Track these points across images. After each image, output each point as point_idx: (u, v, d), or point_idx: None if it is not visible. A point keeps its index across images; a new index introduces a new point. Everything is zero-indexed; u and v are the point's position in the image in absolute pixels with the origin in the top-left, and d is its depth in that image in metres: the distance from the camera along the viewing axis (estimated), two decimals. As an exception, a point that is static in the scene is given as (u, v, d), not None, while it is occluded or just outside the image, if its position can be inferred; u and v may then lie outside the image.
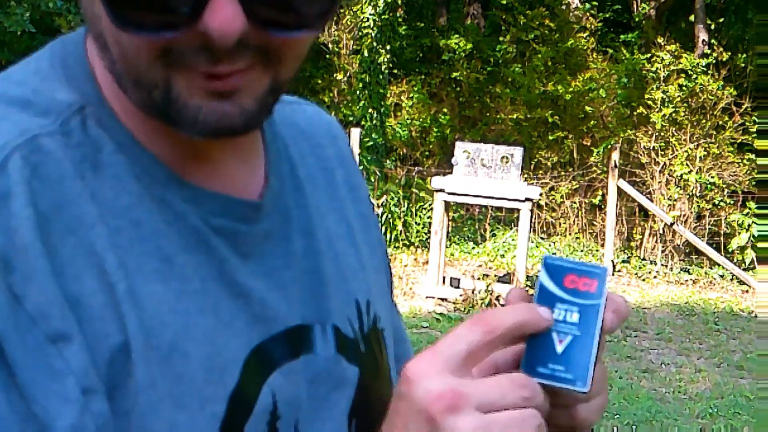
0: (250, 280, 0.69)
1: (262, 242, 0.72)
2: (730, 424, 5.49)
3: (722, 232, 10.74)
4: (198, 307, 0.66)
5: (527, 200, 7.91)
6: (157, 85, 0.61)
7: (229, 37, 0.57)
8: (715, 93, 11.70)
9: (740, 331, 7.81)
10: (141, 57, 0.60)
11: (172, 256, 0.65)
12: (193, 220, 0.67)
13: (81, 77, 0.67)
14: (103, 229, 0.63)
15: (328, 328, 0.75)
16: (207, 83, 0.61)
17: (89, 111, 0.66)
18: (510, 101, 13.26)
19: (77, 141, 0.65)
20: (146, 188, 0.66)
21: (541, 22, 13.44)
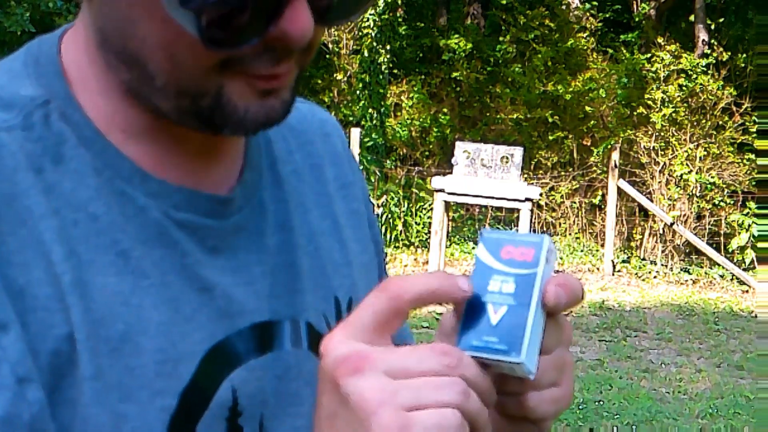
0: (215, 275, 0.69)
1: (232, 237, 0.71)
2: (730, 424, 5.49)
3: (722, 232, 10.74)
4: (153, 300, 0.66)
5: (527, 200, 7.92)
6: (207, 93, 0.63)
7: (305, 41, 0.61)
8: (715, 93, 11.71)
9: (740, 331, 7.81)
10: (199, 69, 0.62)
11: (128, 250, 0.66)
12: (154, 213, 0.67)
13: (51, 74, 0.68)
14: (53, 221, 0.63)
15: (302, 324, 0.74)
16: (261, 84, 0.63)
17: (53, 106, 0.67)
18: (510, 101, 13.26)
19: (38, 135, 0.66)
20: (107, 182, 0.66)
21: (541, 22, 13.44)
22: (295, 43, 0.61)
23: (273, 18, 0.60)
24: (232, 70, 0.62)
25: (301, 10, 0.60)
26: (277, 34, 0.60)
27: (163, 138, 0.69)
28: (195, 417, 0.66)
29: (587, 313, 8.14)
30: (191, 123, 0.66)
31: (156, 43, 0.61)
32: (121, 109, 0.68)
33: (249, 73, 0.62)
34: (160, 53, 0.61)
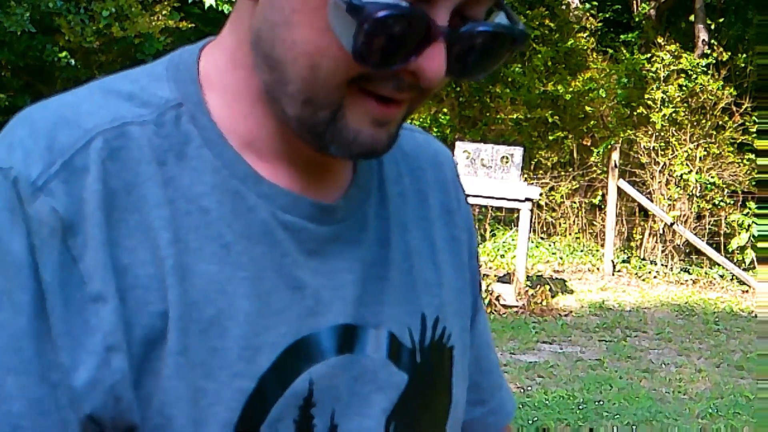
0: (308, 276, 0.75)
1: (330, 243, 0.77)
2: (730, 424, 5.49)
3: (722, 232, 10.74)
4: (246, 292, 0.71)
5: (527, 200, 7.92)
6: (329, 105, 0.69)
7: (437, 83, 0.67)
8: (715, 93, 11.70)
9: (740, 331, 7.81)
10: (333, 81, 0.68)
11: (231, 244, 0.72)
12: (262, 213, 0.73)
13: (187, 80, 0.75)
14: (165, 210, 0.70)
15: (383, 332, 0.79)
16: (377, 110, 0.69)
17: (186, 108, 0.74)
18: (510, 101, 13.26)
19: (167, 132, 0.73)
20: (223, 181, 0.73)
21: (541, 22, 13.44)
22: (426, 80, 0.67)
23: (416, 52, 0.66)
24: (357, 87, 0.68)
25: (439, 53, 0.66)
26: (413, 68, 0.66)
27: (281, 147, 0.75)
28: (270, 401, 0.72)
29: (587, 313, 8.14)
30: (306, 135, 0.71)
31: (304, 49, 0.67)
32: (251, 113, 0.74)
33: (371, 91, 0.68)
34: (304, 60, 0.67)
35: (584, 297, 8.79)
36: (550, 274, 9.80)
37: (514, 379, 6.04)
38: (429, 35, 0.65)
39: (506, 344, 6.86)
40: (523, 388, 5.89)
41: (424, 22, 0.65)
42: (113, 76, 0.77)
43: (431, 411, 0.83)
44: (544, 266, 10.29)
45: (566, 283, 9.27)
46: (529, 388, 5.88)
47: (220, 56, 0.76)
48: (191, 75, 0.76)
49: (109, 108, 0.73)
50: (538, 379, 6.12)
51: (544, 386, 5.95)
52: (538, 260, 10.47)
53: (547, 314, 7.84)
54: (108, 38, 9.49)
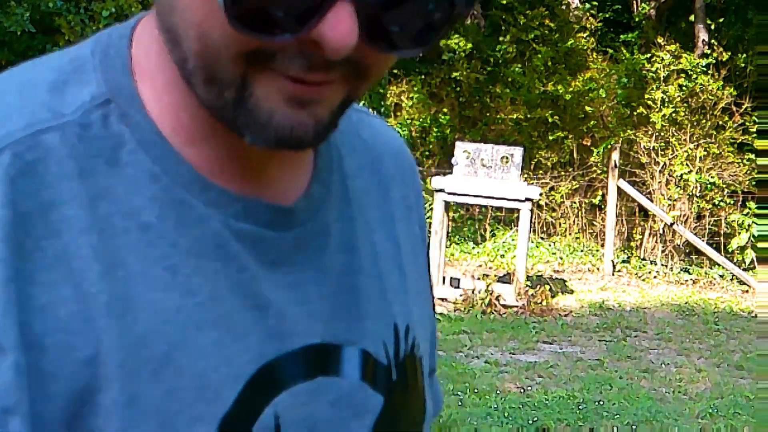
0: (271, 291, 0.65)
1: (292, 250, 0.67)
2: (730, 424, 5.49)
3: (722, 232, 10.75)
4: (200, 319, 0.62)
5: (527, 200, 7.92)
6: (232, 83, 0.58)
7: (342, 53, 0.54)
8: (715, 93, 11.70)
9: (740, 331, 7.81)
10: (226, 54, 0.57)
11: (177, 265, 0.62)
12: (214, 224, 0.63)
13: (117, 68, 0.64)
14: (93, 236, 0.59)
15: (357, 351, 0.70)
16: (289, 87, 0.57)
17: (115, 105, 0.63)
18: (510, 101, 13.26)
19: (95, 135, 0.62)
20: (164, 190, 0.62)
21: (541, 22, 13.44)
22: (331, 51, 0.54)
23: (312, 18, 0.54)
24: (261, 65, 0.57)
25: (343, 17, 0.54)
26: (314, 38, 0.54)
27: (227, 142, 0.64)
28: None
29: (587, 313, 8.14)
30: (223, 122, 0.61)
31: (191, 18, 0.57)
32: (186, 104, 0.64)
33: (276, 70, 0.57)
34: (193, 30, 0.57)
35: (584, 297, 8.79)
36: (550, 274, 9.80)
37: (514, 379, 6.05)
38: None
39: (506, 344, 6.86)
40: (523, 388, 5.89)
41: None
42: (35, 61, 0.67)
43: (406, 428, 0.75)
44: (544, 266, 10.29)
45: (566, 283, 9.27)
46: (529, 388, 5.88)
47: (148, 37, 0.65)
48: (122, 62, 0.64)
49: (23, 110, 0.62)
50: (538, 379, 6.12)
51: (544, 386, 5.95)
52: (538, 260, 10.47)
53: (547, 314, 7.84)
54: (108, 38, 9.48)
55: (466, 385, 5.79)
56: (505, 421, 5.24)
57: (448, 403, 5.45)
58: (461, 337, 6.94)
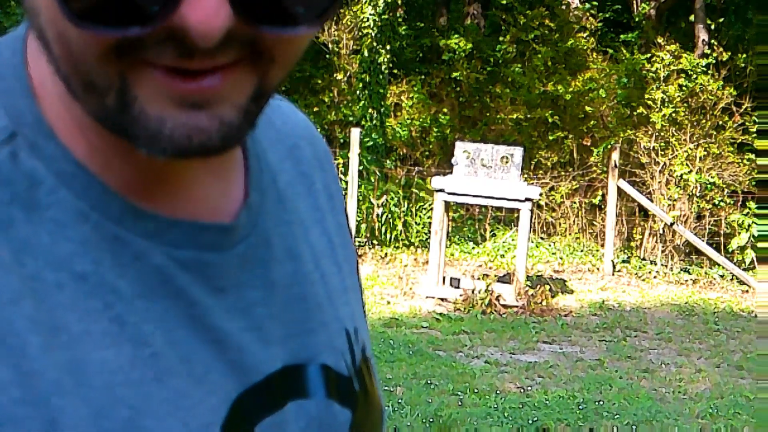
0: (225, 322, 0.59)
1: (238, 271, 0.61)
2: (730, 424, 5.49)
3: (722, 232, 10.75)
4: (158, 372, 0.55)
5: (527, 200, 7.92)
6: (111, 88, 0.49)
7: (212, 35, 0.46)
8: (715, 93, 11.70)
9: (740, 331, 7.81)
10: (90, 54, 0.48)
11: (123, 315, 0.54)
12: (155, 258, 0.56)
13: (16, 91, 0.55)
14: (27, 303, 0.51)
15: (317, 367, 0.65)
16: (174, 85, 0.49)
17: (22, 138, 0.54)
18: (510, 101, 13.26)
19: (5, 178, 0.53)
20: (95, 229, 0.54)
21: (541, 22, 13.44)
22: (198, 37, 0.46)
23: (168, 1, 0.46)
24: (134, 60, 0.48)
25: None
26: (176, 22, 0.46)
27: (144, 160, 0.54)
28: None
29: (587, 313, 8.14)
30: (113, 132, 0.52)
31: (47, 16, 0.48)
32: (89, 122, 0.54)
33: (152, 65, 0.48)
34: (52, 30, 0.49)
35: (584, 297, 8.79)
36: (550, 274, 9.80)
37: (514, 379, 6.05)
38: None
39: (506, 344, 6.86)
40: (523, 388, 5.89)
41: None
42: None
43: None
44: (544, 266, 10.29)
45: (566, 283, 9.27)
46: (529, 388, 5.88)
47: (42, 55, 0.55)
48: (21, 84, 0.56)
49: None
50: (538, 379, 6.12)
51: (544, 386, 5.95)
52: (538, 260, 10.47)
53: (547, 314, 7.84)
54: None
55: (466, 385, 5.80)
56: (505, 421, 5.24)
57: (448, 403, 5.45)
58: (461, 337, 6.95)
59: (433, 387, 5.74)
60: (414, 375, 5.93)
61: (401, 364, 6.11)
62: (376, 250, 10.00)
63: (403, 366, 6.09)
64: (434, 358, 6.32)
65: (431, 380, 5.85)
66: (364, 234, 10.17)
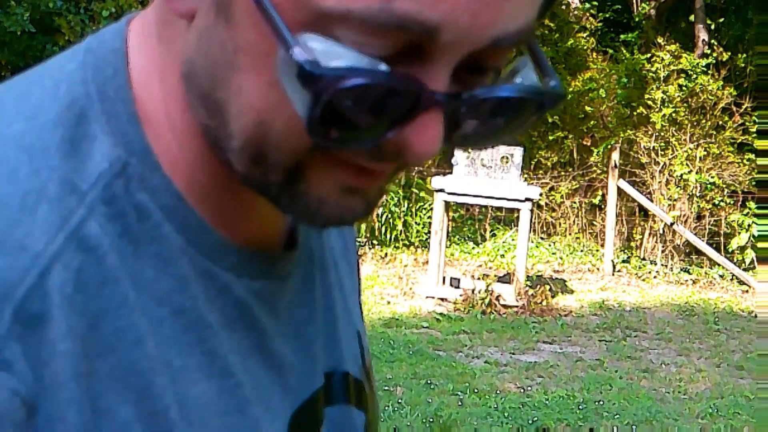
0: (282, 345, 0.61)
1: (292, 295, 0.62)
2: (730, 424, 5.49)
3: (722, 232, 10.75)
4: (239, 401, 0.56)
5: (527, 200, 7.92)
6: (284, 169, 0.50)
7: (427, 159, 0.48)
8: (715, 93, 11.70)
9: (740, 331, 7.81)
10: (287, 146, 0.49)
11: (215, 347, 0.55)
12: (237, 290, 0.57)
13: (122, 116, 0.54)
14: (151, 343, 0.51)
15: (339, 375, 0.67)
16: (347, 177, 0.51)
17: (132, 169, 0.53)
18: (510, 101, 13.25)
19: (119, 211, 0.52)
20: (191, 263, 0.55)
21: (541, 22, 13.42)
22: (413, 157, 0.48)
23: (398, 123, 0.47)
24: (327, 156, 0.50)
25: (432, 125, 0.47)
26: (396, 141, 0.48)
27: (237, 197, 0.57)
28: None
29: (587, 313, 8.14)
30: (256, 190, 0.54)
31: (250, 102, 0.49)
32: (203, 160, 0.55)
33: (339, 158, 0.50)
34: (251, 115, 0.49)
35: (584, 297, 8.79)
36: (550, 274, 9.80)
37: (514, 379, 6.05)
38: (418, 105, 0.46)
39: (506, 344, 6.86)
40: (523, 388, 5.89)
41: (413, 89, 0.46)
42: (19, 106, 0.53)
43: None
44: (544, 266, 10.29)
45: (566, 283, 9.27)
46: (529, 388, 5.88)
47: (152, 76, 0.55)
48: (126, 108, 0.54)
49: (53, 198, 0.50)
50: (538, 379, 6.12)
51: (544, 386, 5.95)
52: (538, 260, 10.47)
53: (547, 314, 7.84)
54: (108, 38, 9.48)
55: (466, 385, 5.80)
56: (505, 421, 5.24)
57: (448, 403, 5.45)
58: (461, 337, 6.94)
59: (433, 387, 5.74)
60: (414, 375, 5.93)
61: (401, 364, 6.12)
62: (376, 250, 10.00)
63: (403, 366, 6.09)
64: (434, 358, 6.32)
65: (431, 380, 5.85)
66: (364, 234, 10.17)
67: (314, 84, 0.44)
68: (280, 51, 0.45)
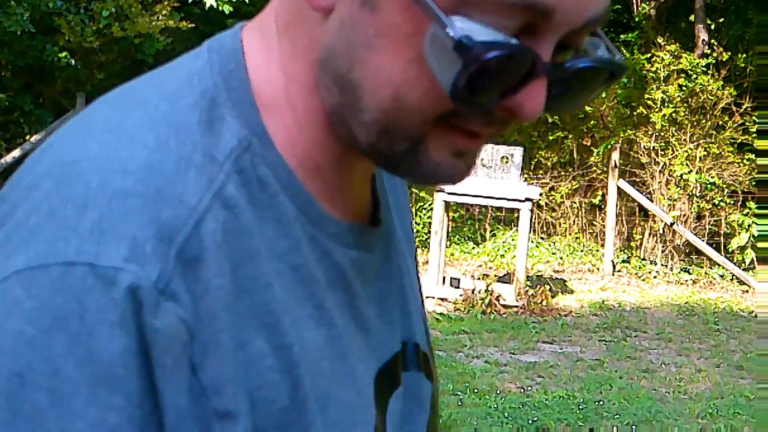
0: (368, 309, 0.70)
1: (378, 266, 0.72)
2: (730, 424, 5.49)
3: (722, 232, 10.75)
4: (340, 349, 0.66)
5: (527, 200, 7.92)
6: (410, 138, 0.60)
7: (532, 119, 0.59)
8: (715, 93, 11.70)
9: (740, 331, 7.81)
10: (421, 115, 0.59)
11: (322, 301, 0.65)
12: (336, 256, 0.66)
13: (245, 103, 0.64)
14: (279, 285, 0.61)
15: (413, 345, 0.76)
16: (458, 142, 0.61)
17: (255, 147, 0.63)
18: (510, 101, 13.26)
19: (246, 179, 0.62)
20: (302, 228, 0.64)
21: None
22: (524, 117, 0.59)
23: (515, 89, 0.57)
24: (447, 124, 0.60)
25: (540, 89, 0.58)
26: (510, 105, 0.58)
27: (343, 172, 0.67)
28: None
29: (587, 313, 8.14)
30: (376, 162, 0.64)
31: (388, 78, 0.58)
32: (314, 138, 0.65)
33: (459, 126, 0.60)
34: (388, 89, 0.59)
35: (584, 297, 8.79)
36: (550, 274, 9.80)
37: (514, 379, 6.05)
38: (533, 72, 0.57)
39: (506, 344, 6.86)
40: (523, 388, 5.89)
41: (532, 59, 0.57)
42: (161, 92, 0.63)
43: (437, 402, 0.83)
44: (544, 266, 10.29)
45: (566, 283, 9.27)
46: (529, 388, 5.88)
47: (272, 68, 0.65)
48: (247, 96, 0.64)
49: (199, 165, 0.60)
50: (538, 379, 6.12)
51: (544, 386, 5.95)
52: (538, 260, 10.47)
53: (547, 314, 7.84)
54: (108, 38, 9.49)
55: (466, 385, 5.80)
56: (505, 421, 5.24)
57: (448, 403, 5.45)
58: (461, 337, 6.94)
59: (433, 387, 5.73)
60: (414, 375, 5.92)
61: (401, 364, 6.11)
62: (376, 250, 10.00)
63: (403, 366, 6.08)
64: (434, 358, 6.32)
65: (431, 380, 5.85)
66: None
67: (466, 53, 0.54)
68: (431, 30, 0.55)
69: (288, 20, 0.65)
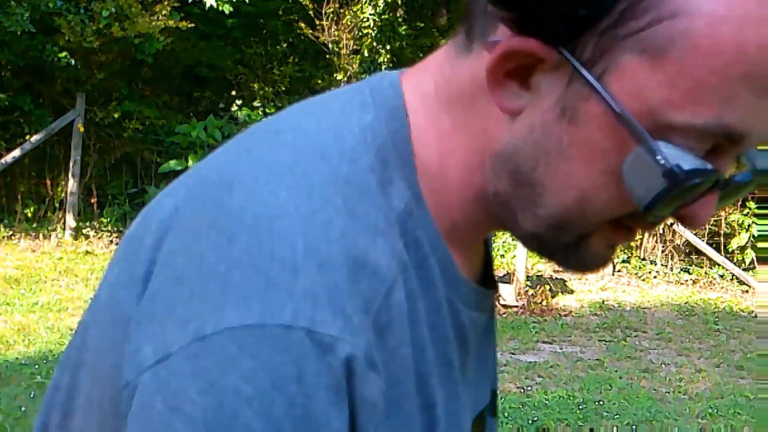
0: (473, 364, 0.75)
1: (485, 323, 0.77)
2: (730, 424, 5.49)
3: (722, 232, 10.75)
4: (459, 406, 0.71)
5: (527, 200, 7.92)
6: (579, 235, 0.64)
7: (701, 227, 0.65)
8: (715, 93, 11.70)
9: (740, 331, 7.82)
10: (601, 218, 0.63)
11: (452, 360, 0.69)
12: (462, 317, 0.70)
13: (408, 166, 0.66)
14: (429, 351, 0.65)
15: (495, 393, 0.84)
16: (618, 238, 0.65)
17: (414, 209, 0.66)
18: (510, 101, 13.26)
19: (407, 242, 0.65)
20: (446, 293, 0.68)
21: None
22: (694, 225, 0.63)
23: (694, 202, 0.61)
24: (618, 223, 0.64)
25: (713, 202, 0.62)
26: (686, 214, 0.62)
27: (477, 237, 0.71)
28: None
29: (587, 313, 8.14)
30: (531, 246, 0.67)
31: (577, 183, 0.61)
32: (468, 210, 0.68)
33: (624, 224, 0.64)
34: (574, 192, 0.62)
35: (584, 297, 8.79)
36: (550, 274, 9.80)
37: (514, 379, 6.05)
38: (715, 188, 0.61)
39: (506, 344, 6.86)
40: (523, 388, 5.89)
41: (719, 179, 0.60)
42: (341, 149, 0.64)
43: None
44: (544, 266, 10.29)
45: (566, 283, 9.27)
46: (529, 388, 5.88)
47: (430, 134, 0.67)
48: (410, 158, 0.66)
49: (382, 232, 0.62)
50: (538, 379, 6.12)
51: (544, 386, 5.95)
52: (538, 260, 10.47)
53: (547, 314, 7.84)
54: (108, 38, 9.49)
55: (466, 385, 5.80)
56: (505, 421, 5.24)
57: (448, 403, 5.45)
58: (461, 337, 6.94)
59: (433, 387, 5.74)
60: (414, 375, 5.93)
61: (401, 364, 6.12)
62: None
63: (403, 366, 6.09)
64: (434, 358, 6.32)
65: (431, 380, 5.85)
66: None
67: (674, 179, 0.57)
68: (636, 151, 0.57)
69: (452, 97, 0.66)
